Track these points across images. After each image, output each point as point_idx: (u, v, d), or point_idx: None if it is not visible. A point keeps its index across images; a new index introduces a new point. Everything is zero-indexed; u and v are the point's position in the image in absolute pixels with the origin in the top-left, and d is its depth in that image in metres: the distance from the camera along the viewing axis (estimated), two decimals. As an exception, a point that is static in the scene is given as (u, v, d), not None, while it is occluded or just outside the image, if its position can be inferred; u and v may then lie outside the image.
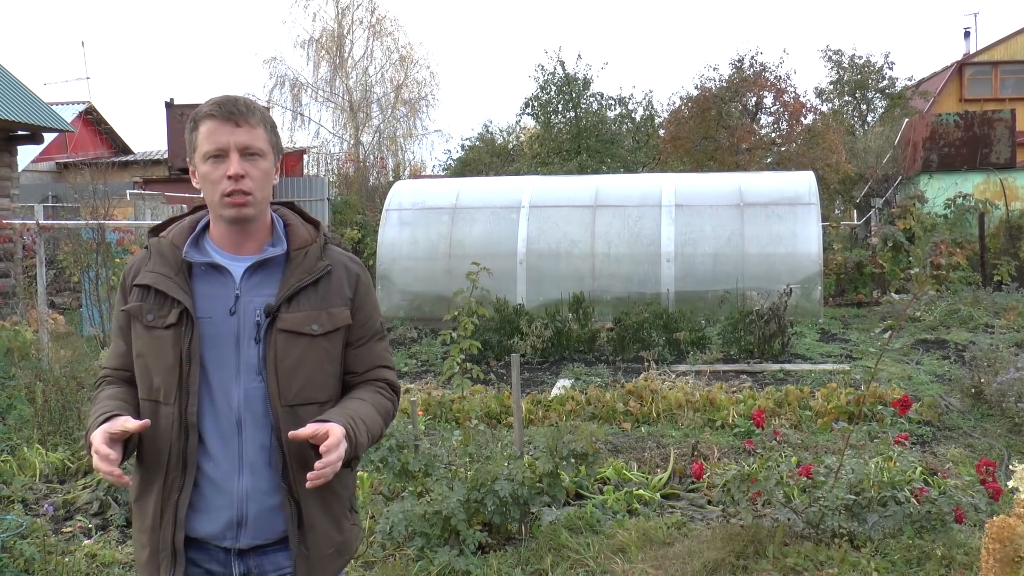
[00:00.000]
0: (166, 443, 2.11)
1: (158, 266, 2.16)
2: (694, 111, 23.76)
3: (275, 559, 2.20)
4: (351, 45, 34.59)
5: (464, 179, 18.67)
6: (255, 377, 2.14)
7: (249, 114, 2.12)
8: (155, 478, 2.14)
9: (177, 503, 2.12)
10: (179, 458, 2.11)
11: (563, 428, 6.16)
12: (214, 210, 2.16)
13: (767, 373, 9.89)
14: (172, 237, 2.20)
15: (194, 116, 2.15)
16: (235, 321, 2.14)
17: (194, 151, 2.15)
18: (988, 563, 2.86)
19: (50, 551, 4.77)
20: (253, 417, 2.13)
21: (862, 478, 4.66)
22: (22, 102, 14.59)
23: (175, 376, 2.09)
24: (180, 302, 2.11)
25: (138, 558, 2.22)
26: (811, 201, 14.26)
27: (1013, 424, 7.07)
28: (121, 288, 2.22)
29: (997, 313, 13.23)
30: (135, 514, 2.23)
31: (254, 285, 2.16)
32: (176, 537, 2.12)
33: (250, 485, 2.14)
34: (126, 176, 25.34)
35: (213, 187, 2.11)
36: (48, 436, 6.88)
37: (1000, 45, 31.43)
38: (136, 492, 2.20)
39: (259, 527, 2.16)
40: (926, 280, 15.10)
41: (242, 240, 2.18)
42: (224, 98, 2.13)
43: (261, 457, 2.14)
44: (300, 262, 2.18)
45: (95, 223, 11.41)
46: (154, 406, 2.13)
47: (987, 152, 19.93)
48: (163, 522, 2.13)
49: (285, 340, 2.14)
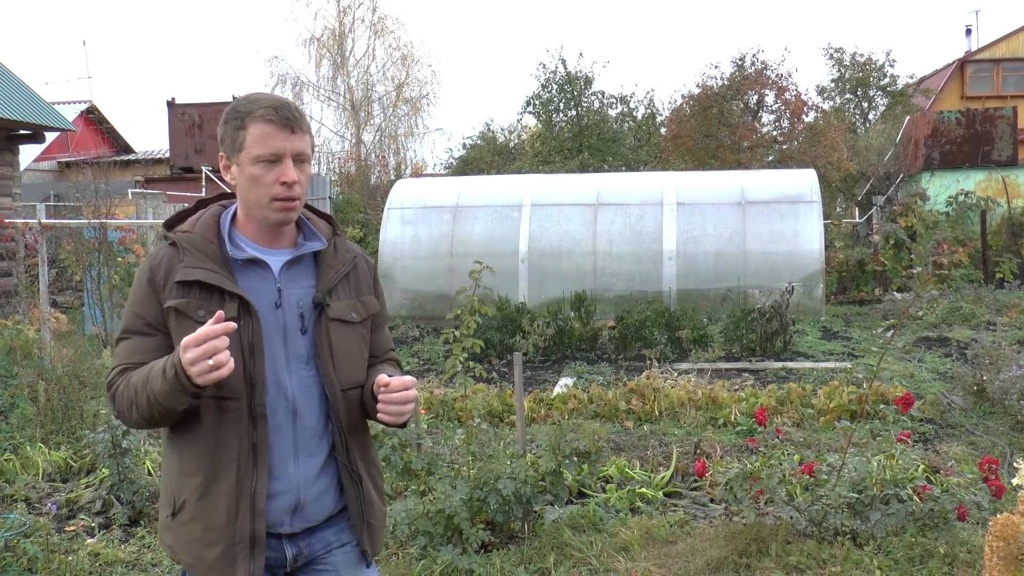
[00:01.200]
0: (235, 436, 2.13)
1: (200, 261, 2.15)
2: (696, 109, 23.75)
3: (322, 536, 2.28)
4: (352, 44, 34.67)
5: (466, 178, 18.68)
6: (305, 367, 2.20)
7: (302, 121, 2.18)
8: (225, 472, 2.14)
9: (254, 493, 2.14)
10: (250, 448, 2.13)
11: (565, 427, 6.16)
12: (258, 210, 2.18)
13: (769, 371, 9.89)
14: (201, 232, 2.20)
15: (240, 114, 2.17)
16: (281, 314, 2.19)
17: (239, 150, 2.17)
18: (991, 561, 2.86)
19: (53, 550, 4.78)
20: (307, 405, 2.20)
21: (865, 476, 4.66)
22: (24, 101, 14.59)
23: (240, 369, 2.10)
24: (236, 295, 2.13)
25: (201, 559, 2.16)
26: (813, 199, 14.25)
27: (1016, 422, 7.06)
28: (150, 284, 2.17)
29: (999, 311, 13.22)
30: (195, 514, 2.16)
31: (291, 278, 2.22)
32: (256, 527, 2.14)
33: (305, 471, 2.21)
34: (128, 175, 25.36)
35: (263, 189, 2.15)
36: (51, 435, 6.88)
37: (1002, 42, 31.39)
38: (200, 490, 2.15)
39: (312, 510, 2.23)
40: (928, 278, 15.09)
41: (277, 236, 2.24)
42: (279, 102, 2.17)
43: (314, 443, 2.22)
44: (332, 255, 2.28)
45: (97, 222, 11.40)
46: (218, 403, 2.13)
47: (989, 149, 19.91)
48: (240, 514, 2.13)
49: (335, 328, 2.23)
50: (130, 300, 2.22)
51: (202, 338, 1.93)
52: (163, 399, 2.02)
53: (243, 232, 2.23)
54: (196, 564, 2.18)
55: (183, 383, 1.96)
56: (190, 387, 1.96)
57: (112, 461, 5.43)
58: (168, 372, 1.99)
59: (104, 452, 5.42)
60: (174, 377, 1.97)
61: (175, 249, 2.19)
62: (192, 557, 2.18)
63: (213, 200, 2.33)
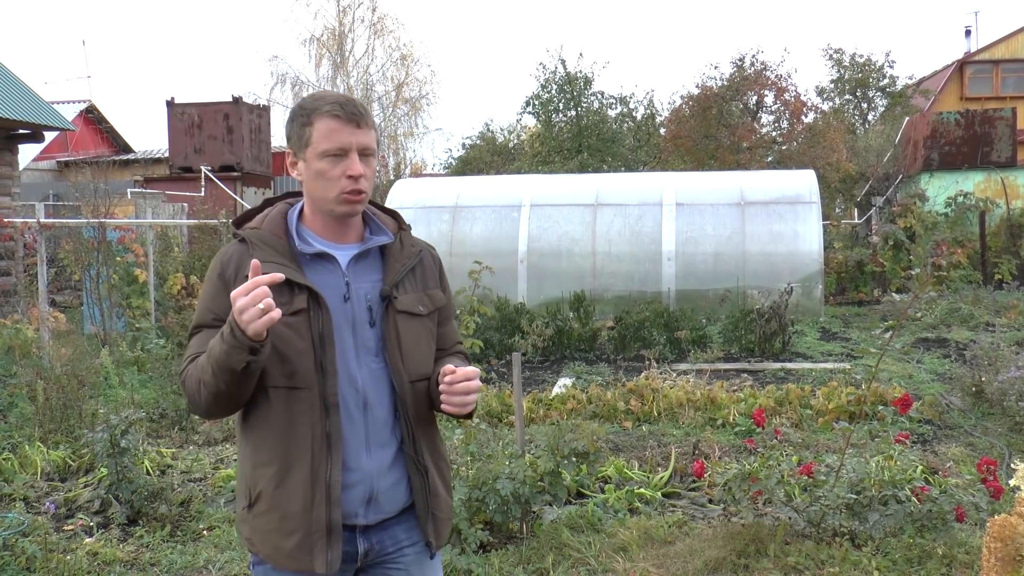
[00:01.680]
0: (307, 425, 2.17)
1: (268, 256, 2.19)
2: (695, 110, 23.75)
3: (393, 533, 2.31)
4: (352, 43, 34.65)
5: (465, 178, 18.69)
6: (374, 359, 2.25)
7: (367, 116, 2.22)
8: (300, 462, 2.17)
9: (329, 482, 2.16)
10: (323, 438, 2.16)
11: (564, 427, 6.16)
12: (325, 204, 2.23)
13: (768, 372, 9.89)
14: (269, 228, 2.26)
15: (307, 111, 2.21)
16: (349, 307, 2.23)
17: (306, 146, 2.21)
18: (989, 562, 2.86)
19: (51, 549, 4.78)
20: (377, 396, 2.24)
21: (863, 477, 4.66)
22: (23, 101, 14.59)
23: (310, 359, 2.15)
24: (305, 287, 2.16)
25: (279, 548, 2.19)
26: (812, 200, 14.26)
27: (1014, 423, 7.07)
28: (221, 279, 2.22)
29: (998, 312, 13.22)
30: (272, 504, 2.19)
31: (359, 272, 2.27)
32: (332, 515, 2.17)
33: (378, 462, 2.24)
34: (127, 175, 25.36)
35: (330, 184, 2.19)
36: (49, 434, 6.89)
37: (1001, 43, 31.43)
38: (275, 480, 2.19)
39: (385, 502, 2.26)
40: (928, 280, 15.10)
41: (344, 231, 2.28)
42: (344, 99, 2.21)
43: (384, 434, 2.25)
44: (398, 249, 2.33)
45: (96, 221, 11.41)
46: (290, 392, 2.17)
47: (988, 150, 19.92)
48: (315, 503, 2.16)
49: (403, 321, 2.27)
50: (202, 295, 2.28)
51: (250, 287, 1.98)
52: (223, 360, 2.04)
53: (310, 227, 2.28)
54: (274, 554, 2.21)
55: (238, 337, 1.99)
56: (245, 340, 1.99)
57: (111, 460, 5.43)
58: (225, 331, 2.03)
59: (103, 451, 5.42)
60: (230, 334, 2.01)
61: (245, 245, 2.25)
62: (270, 547, 2.21)
63: (280, 199, 2.39)
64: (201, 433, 7.35)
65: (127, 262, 11.92)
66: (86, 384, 7.49)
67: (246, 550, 4.82)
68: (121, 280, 11.76)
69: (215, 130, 21.52)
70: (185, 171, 21.72)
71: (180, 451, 6.93)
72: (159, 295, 12.24)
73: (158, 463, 6.41)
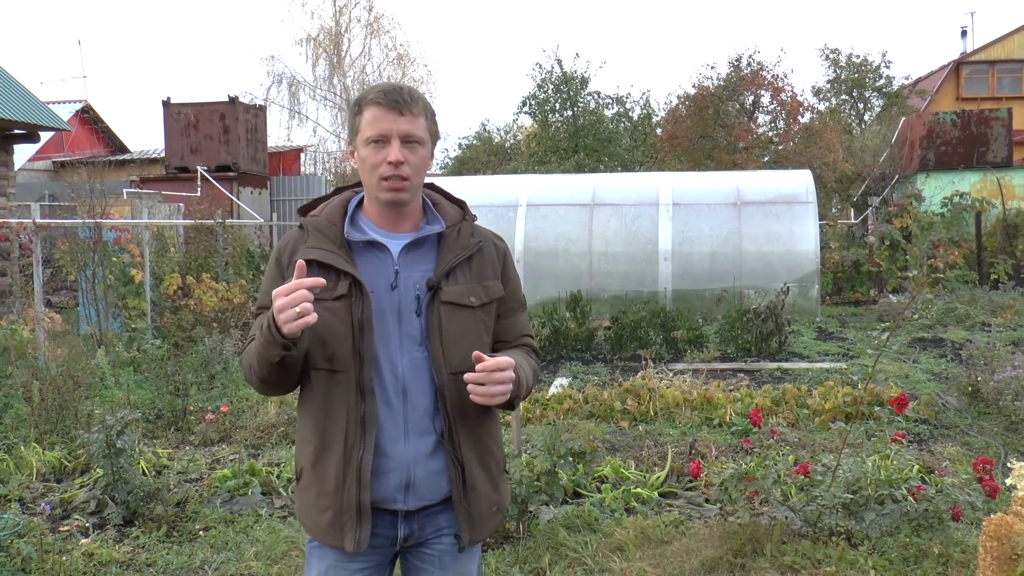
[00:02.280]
0: (343, 408, 2.22)
1: (319, 242, 2.25)
2: (691, 110, 23.77)
3: (436, 521, 2.34)
4: (348, 43, 34.64)
5: (462, 178, 18.69)
6: (418, 348, 2.26)
7: (413, 103, 2.23)
8: (334, 442, 2.24)
9: (360, 464, 2.21)
10: (358, 421, 2.21)
11: (561, 427, 6.16)
12: (371, 191, 2.28)
13: (764, 371, 9.90)
14: (327, 216, 2.31)
15: (359, 100, 2.27)
16: (396, 295, 2.26)
17: (356, 135, 2.27)
18: (985, 561, 2.86)
19: (47, 550, 4.77)
20: (418, 385, 2.26)
21: (859, 476, 4.66)
22: (18, 101, 14.56)
23: (349, 344, 2.20)
24: (349, 274, 2.21)
25: (317, 523, 2.28)
26: (808, 200, 14.28)
27: (1010, 422, 7.08)
28: (277, 265, 2.31)
29: (994, 311, 13.25)
30: (311, 481, 2.28)
31: (411, 261, 2.28)
32: (362, 497, 2.21)
33: (416, 449, 2.26)
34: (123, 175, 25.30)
35: (372, 170, 2.23)
36: (45, 435, 6.87)
37: (997, 44, 31.48)
38: (312, 458, 2.27)
39: (426, 489, 2.28)
40: (925, 281, 15.12)
41: (398, 219, 2.30)
42: (390, 86, 2.26)
43: (424, 423, 2.27)
44: (455, 239, 2.33)
45: (92, 222, 11.39)
46: (329, 375, 2.23)
47: (984, 151, 19.95)
48: (347, 483, 2.22)
49: (448, 312, 2.27)
50: (264, 279, 2.37)
51: (292, 287, 2.03)
52: (262, 352, 2.14)
53: (367, 215, 2.32)
54: (314, 528, 2.30)
55: (274, 334, 2.07)
56: (279, 337, 2.07)
57: (106, 461, 5.42)
58: (264, 325, 2.12)
59: (98, 452, 5.40)
60: (268, 329, 2.09)
61: (302, 232, 2.32)
62: (310, 521, 2.31)
63: (350, 187, 2.44)
64: (197, 433, 7.34)
65: (123, 262, 11.90)
66: (82, 385, 7.47)
67: (242, 549, 4.82)
68: (117, 280, 11.74)
69: (211, 130, 21.50)
70: (181, 171, 21.70)
71: (176, 452, 6.92)
72: (155, 295, 12.22)
73: (154, 464, 6.40)
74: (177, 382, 7.97)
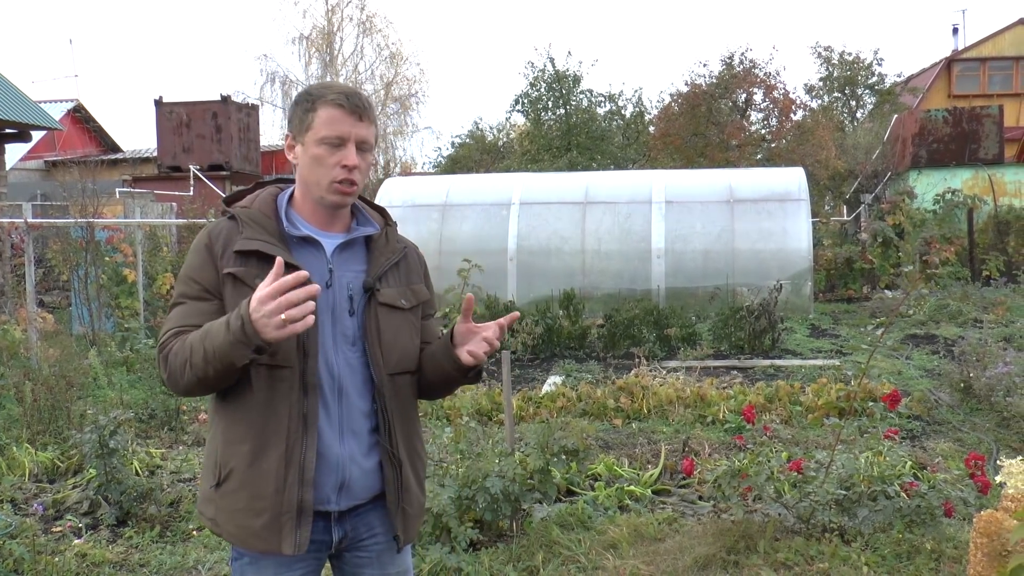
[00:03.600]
0: (286, 405, 2.18)
1: (258, 233, 2.22)
2: (684, 108, 23.78)
3: (367, 520, 2.34)
4: (341, 42, 34.63)
5: (454, 176, 18.67)
6: (351, 348, 2.27)
7: (370, 110, 2.27)
8: (273, 441, 2.18)
9: (303, 462, 2.18)
10: (300, 418, 2.18)
11: (554, 425, 6.16)
12: (317, 191, 2.25)
13: (757, 369, 9.92)
14: (259, 208, 2.28)
15: (312, 97, 2.25)
16: (331, 294, 2.25)
17: (306, 131, 2.24)
18: (976, 556, 2.88)
19: (40, 551, 4.75)
20: (353, 385, 2.26)
21: (852, 473, 4.68)
22: (10, 100, 14.52)
23: (293, 339, 2.12)
24: (293, 266, 2.15)
25: (246, 528, 2.19)
26: (801, 197, 14.30)
27: (1002, 418, 7.10)
28: (208, 251, 2.22)
29: (986, 308, 13.28)
30: (242, 483, 2.19)
31: (343, 261, 2.29)
32: (304, 496, 2.18)
33: (351, 449, 2.25)
34: (115, 174, 25.23)
35: (324, 171, 2.22)
36: (37, 435, 6.85)
37: (988, 41, 31.57)
38: (249, 458, 2.19)
39: (358, 489, 2.28)
40: (917, 278, 15.17)
41: (332, 220, 2.31)
42: (350, 89, 2.27)
43: (360, 423, 2.27)
44: (383, 243, 2.36)
45: (84, 221, 11.36)
46: (270, 371, 2.18)
47: (975, 148, 20.00)
48: (288, 483, 2.17)
49: (384, 313, 2.30)
50: (185, 267, 2.27)
51: (277, 290, 1.96)
52: (223, 352, 2.03)
53: (299, 212, 2.31)
54: (240, 533, 2.21)
55: (249, 335, 1.99)
56: (256, 339, 1.99)
57: (99, 461, 5.41)
58: (233, 324, 2.01)
59: (91, 452, 5.39)
60: (240, 330, 1.99)
61: (234, 222, 2.27)
62: (236, 527, 2.21)
63: (271, 183, 2.42)
64: (190, 433, 7.33)
65: (116, 262, 11.88)
66: (74, 385, 7.46)
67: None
68: (110, 280, 11.72)
69: (204, 129, 21.46)
70: (174, 170, 21.66)
71: (169, 451, 6.91)
72: (148, 295, 12.20)
73: (147, 463, 6.38)
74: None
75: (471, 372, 2.32)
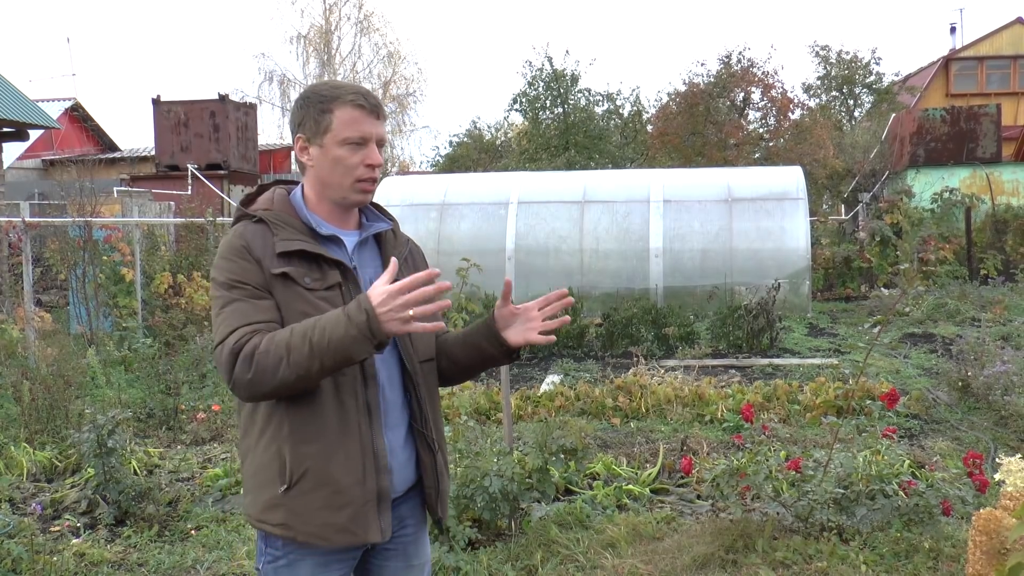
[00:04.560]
0: (351, 398, 2.21)
1: (294, 234, 2.23)
2: (682, 107, 23.80)
3: (399, 512, 2.37)
4: (339, 41, 34.65)
5: (452, 175, 18.66)
6: None
7: (383, 109, 2.32)
8: (347, 435, 2.19)
9: (375, 450, 2.22)
10: (365, 408, 2.22)
11: (552, 424, 6.17)
12: (338, 191, 2.27)
13: (756, 368, 9.92)
14: (280, 210, 2.29)
15: (325, 98, 2.24)
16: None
17: (323, 132, 2.24)
18: (975, 555, 2.88)
19: (38, 550, 4.75)
20: (387, 377, 2.30)
21: (851, 472, 4.68)
22: (7, 99, 14.50)
23: None
24: (336, 262, 2.23)
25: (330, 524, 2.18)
26: (799, 196, 14.30)
27: (1000, 417, 7.10)
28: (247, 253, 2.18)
29: (984, 307, 13.29)
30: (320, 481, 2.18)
31: (361, 257, 2.34)
32: (381, 483, 2.23)
33: (391, 441, 2.29)
34: (113, 173, 25.24)
35: (347, 171, 2.24)
36: (35, 435, 6.84)
37: (985, 40, 31.61)
38: (324, 456, 2.17)
39: (398, 480, 2.31)
40: (915, 276, 15.17)
41: (347, 217, 2.34)
42: (364, 89, 2.30)
43: (395, 414, 2.31)
44: (393, 240, 2.41)
45: (82, 220, 11.35)
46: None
47: (973, 147, 20.02)
48: (366, 472, 2.21)
49: None
50: (224, 273, 2.20)
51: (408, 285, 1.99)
52: (342, 347, 2.01)
53: (316, 212, 2.32)
54: (322, 531, 2.19)
55: (374, 330, 1.99)
56: (380, 334, 2.00)
57: (98, 461, 5.40)
58: (356, 318, 1.99)
59: (89, 452, 5.39)
60: (365, 324, 1.99)
61: (262, 225, 2.25)
62: (317, 525, 2.19)
63: (270, 185, 2.42)
64: (189, 433, 7.32)
65: (114, 261, 11.87)
66: (72, 384, 7.45)
67: (234, 548, 4.80)
68: (108, 279, 11.70)
69: (201, 128, 21.44)
70: (172, 169, 21.64)
71: (168, 451, 6.90)
72: (146, 294, 12.18)
73: (145, 463, 6.38)
74: (168, 381, 7.96)
75: (514, 353, 2.40)
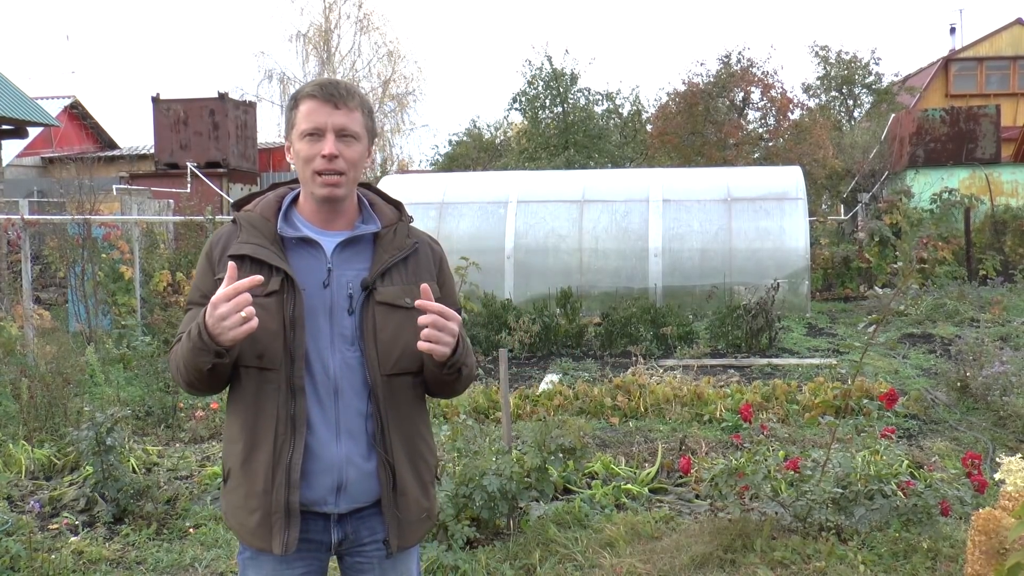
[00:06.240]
0: (273, 407, 2.19)
1: (252, 237, 2.22)
2: (682, 106, 23.81)
3: (370, 524, 2.30)
4: (338, 40, 34.60)
5: (452, 174, 18.66)
6: (350, 347, 2.23)
7: (348, 98, 2.21)
8: (263, 442, 2.20)
9: (290, 465, 2.18)
10: (288, 420, 2.18)
11: (551, 423, 6.17)
12: (306, 187, 2.25)
13: (754, 367, 9.92)
14: (261, 211, 2.28)
15: (295, 95, 2.25)
16: (328, 293, 2.22)
17: (292, 128, 2.24)
18: (974, 555, 2.88)
19: (36, 548, 4.74)
20: (350, 385, 2.23)
21: (849, 472, 4.68)
22: (6, 96, 14.49)
23: (280, 341, 2.16)
24: (281, 270, 2.17)
25: (244, 525, 2.24)
26: (798, 196, 14.31)
27: (998, 417, 7.11)
28: (207, 259, 2.27)
29: (982, 307, 13.30)
30: (239, 480, 2.24)
31: (345, 260, 2.25)
32: (291, 497, 2.18)
33: (348, 451, 2.23)
34: (112, 171, 25.22)
35: (306, 164, 2.20)
36: (34, 432, 6.84)
37: (985, 41, 31.63)
38: (241, 457, 2.23)
39: (357, 492, 2.25)
40: (911, 272, 15.17)
41: (333, 217, 2.27)
42: (326, 80, 2.24)
43: (357, 424, 2.23)
44: (391, 239, 2.30)
45: (81, 218, 11.34)
46: (259, 373, 2.20)
47: (972, 147, 20.03)
48: (275, 484, 2.18)
49: (382, 312, 2.24)
50: (194, 280, 2.31)
51: (230, 293, 2.00)
52: (189, 359, 2.10)
53: (301, 212, 2.29)
54: (240, 530, 2.26)
55: (206, 341, 2.03)
56: (212, 345, 2.03)
57: (96, 459, 5.40)
58: (193, 332, 2.07)
59: (88, 450, 5.39)
60: (198, 336, 2.04)
61: (235, 227, 2.28)
62: (237, 523, 2.27)
63: (286, 184, 2.40)
64: (187, 431, 7.32)
65: (113, 259, 11.85)
66: (71, 382, 7.45)
67: (232, 547, 4.81)
68: (107, 277, 11.69)
69: (201, 126, 21.43)
70: (171, 167, 21.63)
71: (166, 449, 6.90)
72: (145, 292, 12.17)
73: (144, 461, 6.38)
74: (167, 379, 7.95)
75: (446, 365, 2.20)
